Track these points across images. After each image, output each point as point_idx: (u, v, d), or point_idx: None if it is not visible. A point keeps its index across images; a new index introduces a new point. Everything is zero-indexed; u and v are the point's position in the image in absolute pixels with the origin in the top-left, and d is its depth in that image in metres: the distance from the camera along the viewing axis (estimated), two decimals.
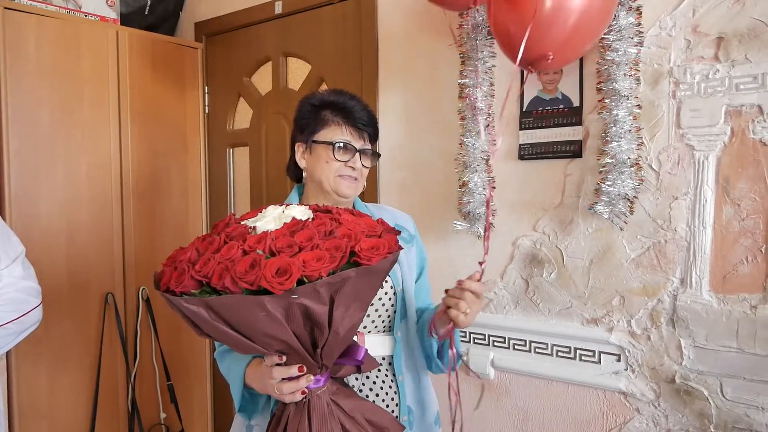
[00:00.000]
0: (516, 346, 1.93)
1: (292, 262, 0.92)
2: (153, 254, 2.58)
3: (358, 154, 1.34)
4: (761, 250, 1.53)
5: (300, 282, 0.92)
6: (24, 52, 2.19)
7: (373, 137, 1.40)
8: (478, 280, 1.22)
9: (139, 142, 2.53)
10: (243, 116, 2.73)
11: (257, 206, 1.37)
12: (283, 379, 1.06)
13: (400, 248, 1.06)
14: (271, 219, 1.04)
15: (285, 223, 1.02)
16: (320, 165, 1.33)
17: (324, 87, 2.43)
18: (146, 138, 2.55)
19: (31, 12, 2.20)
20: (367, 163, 1.38)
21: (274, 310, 0.93)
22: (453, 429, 1.27)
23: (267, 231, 1.00)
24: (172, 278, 0.97)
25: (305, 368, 1.06)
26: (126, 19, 2.62)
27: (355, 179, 1.35)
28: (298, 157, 1.39)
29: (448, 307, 1.21)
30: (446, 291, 1.23)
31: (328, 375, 1.12)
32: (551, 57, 1.41)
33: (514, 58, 1.42)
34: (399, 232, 1.10)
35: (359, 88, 2.26)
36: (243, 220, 1.08)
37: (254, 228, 1.03)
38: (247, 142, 2.70)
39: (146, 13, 2.71)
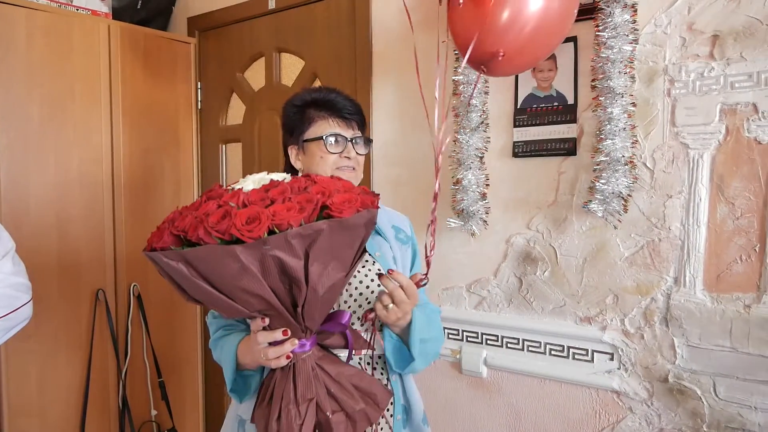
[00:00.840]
0: (509, 345, 1.92)
1: (261, 211, 0.94)
2: None
3: (350, 143, 1.34)
4: (755, 249, 1.52)
5: (271, 233, 0.94)
6: (14, 46, 2.16)
7: (362, 124, 1.40)
8: (417, 283, 1.19)
9: (130, 137, 2.50)
10: (236, 112, 2.71)
11: None
12: (269, 344, 1.09)
13: (377, 207, 1.08)
14: (251, 182, 1.07)
15: (263, 185, 1.04)
16: (315, 162, 1.33)
17: (318, 83, 2.41)
18: (138, 133, 2.53)
19: (21, 5, 2.17)
20: (362, 150, 1.38)
21: (248, 262, 0.94)
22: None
23: (242, 189, 1.03)
24: (155, 237, 1.01)
25: (289, 332, 1.07)
26: (118, 14, 2.59)
27: (353, 168, 1.35)
28: (292, 160, 1.39)
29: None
30: (380, 276, 1.18)
31: (313, 340, 1.13)
32: (502, 54, 1.41)
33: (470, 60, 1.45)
34: (378, 196, 1.12)
35: (353, 84, 2.24)
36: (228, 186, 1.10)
37: (233, 189, 1.05)
38: (240, 138, 2.68)
39: (138, 7, 2.68)
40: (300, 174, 1.38)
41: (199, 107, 2.79)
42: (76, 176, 2.34)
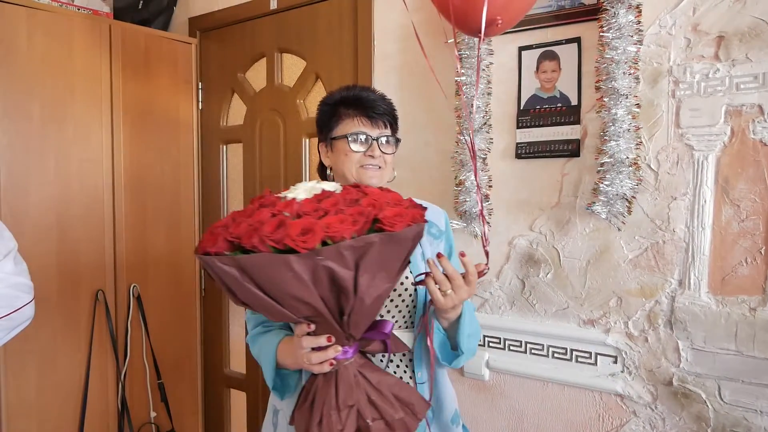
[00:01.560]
0: (511, 347, 1.91)
1: (315, 223, 0.96)
2: (144, 251, 2.55)
3: (375, 142, 1.33)
4: (761, 252, 1.51)
5: (324, 244, 0.96)
6: (15, 46, 2.15)
7: (392, 124, 1.39)
8: (480, 272, 1.21)
9: (131, 137, 2.49)
10: (237, 112, 2.70)
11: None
12: (312, 349, 1.09)
13: (425, 221, 1.09)
14: (302, 191, 1.07)
15: (315, 194, 1.06)
16: (341, 159, 1.34)
17: (319, 84, 2.40)
18: (138, 134, 2.52)
19: (22, 5, 2.16)
20: (388, 150, 1.36)
21: (300, 271, 0.96)
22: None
23: (296, 199, 1.04)
24: (208, 242, 1.01)
25: (333, 338, 1.09)
26: (119, 14, 2.59)
27: (379, 167, 1.34)
28: (322, 156, 1.40)
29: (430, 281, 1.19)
30: (428, 261, 1.18)
31: (356, 348, 1.14)
32: (500, 21, 1.42)
33: (470, 30, 1.44)
34: (425, 209, 1.12)
35: (354, 84, 2.23)
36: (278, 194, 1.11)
37: (285, 198, 1.06)
38: (241, 139, 2.67)
39: (140, 7, 2.67)
40: (329, 171, 1.39)
41: (200, 108, 2.77)
42: (76, 176, 2.32)
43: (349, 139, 1.32)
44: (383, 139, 1.34)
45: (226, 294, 1.07)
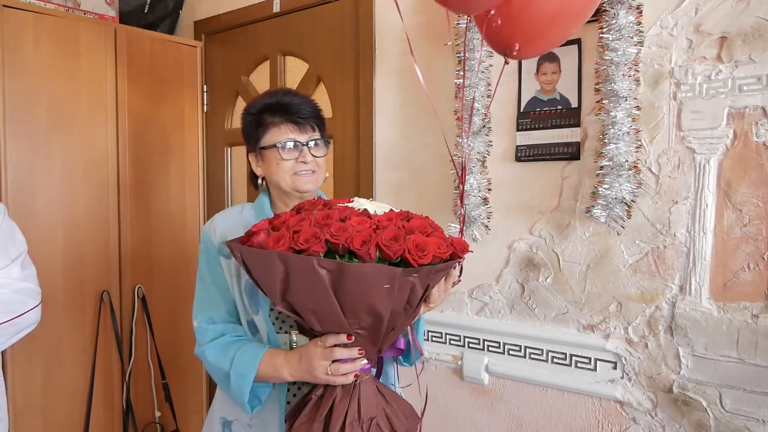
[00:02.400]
0: (511, 352, 1.89)
1: (428, 241, 1.00)
2: (149, 253, 2.57)
3: (305, 147, 1.32)
4: (764, 257, 1.48)
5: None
6: (22, 50, 2.18)
7: (320, 125, 1.38)
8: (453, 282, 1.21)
9: (136, 140, 2.51)
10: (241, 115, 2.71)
11: None
12: (334, 361, 1.09)
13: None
14: (369, 205, 1.11)
15: (385, 212, 1.09)
16: (273, 169, 1.32)
17: (322, 86, 2.40)
18: (144, 136, 2.54)
19: (29, 10, 2.19)
20: (319, 153, 1.35)
21: (398, 284, 0.99)
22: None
23: (376, 213, 1.07)
24: (293, 238, 1.00)
25: (364, 351, 1.09)
26: (125, 18, 2.61)
27: (313, 172, 1.34)
28: (253, 167, 1.39)
29: None
30: None
31: (375, 361, 1.17)
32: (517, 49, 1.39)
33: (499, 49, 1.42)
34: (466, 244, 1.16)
35: (355, 87, 2.23)
36: (333, 205, 1.11)
37: (360, 209, 1.09)
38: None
39: (145, 11, 2.69)
40: (260, 180, 1.39)
41: (205, 110, 2.79)
42: (82, 178, 2.35)
43: (279, 147, 1.30)
44: (312, 143, 1.33)
45: (270, 292, 1.05)
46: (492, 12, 1.34)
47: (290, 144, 1.31)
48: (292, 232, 1.00)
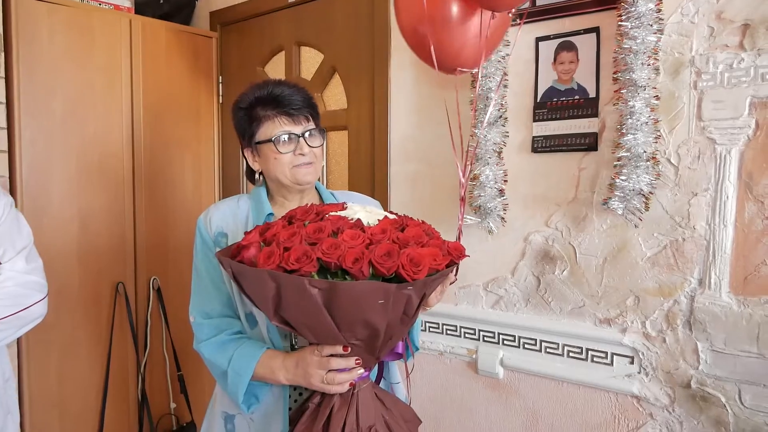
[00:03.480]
0: (526, 345, 1.87)
1: (422, 254, 0.97)
2: (164, 244, 2.57)
3: (301, 139, 1.30)
4: None
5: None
6: (37, 41, 2.18)
7: (313, 115, 1.35)
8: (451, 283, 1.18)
9: (151, 131, 2.51)
10: None
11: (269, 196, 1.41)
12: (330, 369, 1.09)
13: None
14: (362, 213, 1.09)
15: (379, 220, 1.06)
16: (271, 163, 1.30)
17: (336, 76, 2.39)
18: (159, 127, 2.54)
19: (44, 0, 2.20)
20: (315, 143, 1.32)
21: (393, 299, 0.96)
22: None
23: (369, 224, 1.04)
24: (283, 256, 0.97)
25: (361, 360, 1.09)
26: (141, 8, 2.61)
27: (311, 163, 1.31)
28: (250, 162, 1.36)
29: None
30: None
31: (372, 369, 1.17)
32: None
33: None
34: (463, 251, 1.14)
35: (371, 78, 2.21)
36: (325, 213, 1.09)
37: (352, 219, 1.06)
38: None
39: (161, 1, 2.69)
40: (257, 176, 1.37)
41: (221, 101, 2.79)
42: (97, 170, 2.36)
43: (275, 141, 1.28)
44: (308, 134, 1.31)
45: (264, 308, 1.03)
46: None
47: (285, 137, 1.28)
48: (282, 249, 0.98)
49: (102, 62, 2.35)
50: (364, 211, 1.09)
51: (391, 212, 1.14)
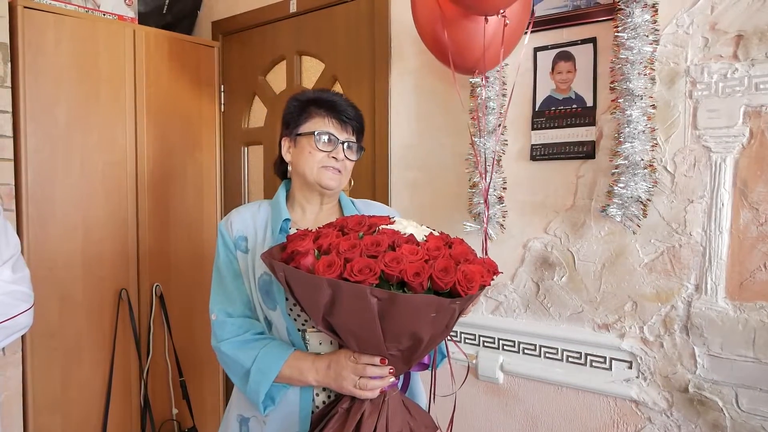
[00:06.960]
0: (526, 351, 1.89)
1: (474, 272, 1.03)
2: (167, 251, 2.60)
3: (341, 145, 1.34)
4: None
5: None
6: (42, 51, 2.21)
7: (359, 132, 1.39)
8: None
9: (154, 139, 2.54)
10: (258, 115, 2.74)
11: None
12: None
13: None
14: (412, 228, 1.13)
15: (426, 236, 1.11)
16: (303, 156, 1.34)
17: (337, 85, 2.42)
18: (162, 136, 2.57)
19: (49, 11, 2.23)
20: (351, 156, 1.37)
21: (442, 313, 1.02)
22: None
23: (422, 241, 1.09)
24: (344, 267, 1.01)
25: (394, 369, 1.12)
26: (144, 18, 2.64)
27: (339, 171, 1.34)
28: (284, 151, 1.39)
29: None
30: None
31: (402, 377, 1.21)
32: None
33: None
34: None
35: (371, 86, 2.24)
36: (377, 226, 1.13)
37: (404, 233, 1.10)
38: (262, 141, 2.70)
39: (164, 11, 2.72)
40: (289, 167, 1.39)
41: (222, 110, 2.82)
42: (101, 177, 2.38)
43: (316, 136, 1.32)
44: (347, 144, 1.35)
45: (314, 314, 1.06)
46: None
47: (326, 137, 1.32)
48: (343, 260, 1.02)
49: (106, 72, 2.38)
50: (415, 228, 1.14)
51: (427, 227, 1.18)
